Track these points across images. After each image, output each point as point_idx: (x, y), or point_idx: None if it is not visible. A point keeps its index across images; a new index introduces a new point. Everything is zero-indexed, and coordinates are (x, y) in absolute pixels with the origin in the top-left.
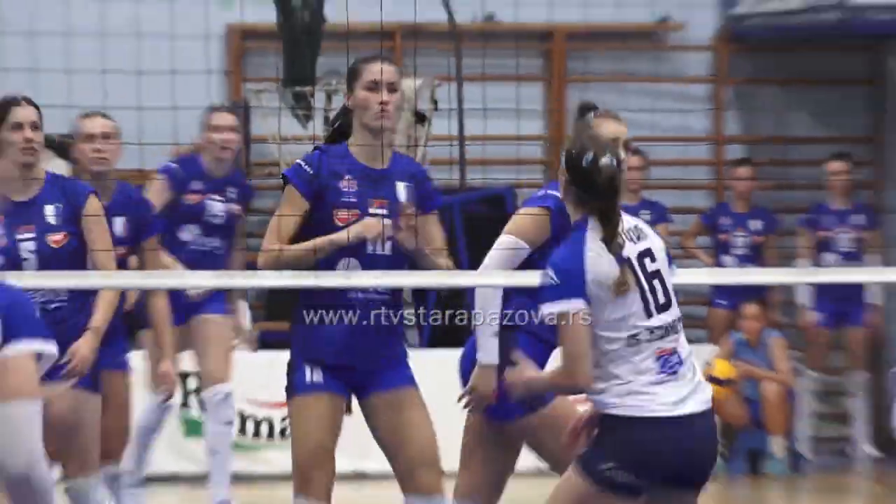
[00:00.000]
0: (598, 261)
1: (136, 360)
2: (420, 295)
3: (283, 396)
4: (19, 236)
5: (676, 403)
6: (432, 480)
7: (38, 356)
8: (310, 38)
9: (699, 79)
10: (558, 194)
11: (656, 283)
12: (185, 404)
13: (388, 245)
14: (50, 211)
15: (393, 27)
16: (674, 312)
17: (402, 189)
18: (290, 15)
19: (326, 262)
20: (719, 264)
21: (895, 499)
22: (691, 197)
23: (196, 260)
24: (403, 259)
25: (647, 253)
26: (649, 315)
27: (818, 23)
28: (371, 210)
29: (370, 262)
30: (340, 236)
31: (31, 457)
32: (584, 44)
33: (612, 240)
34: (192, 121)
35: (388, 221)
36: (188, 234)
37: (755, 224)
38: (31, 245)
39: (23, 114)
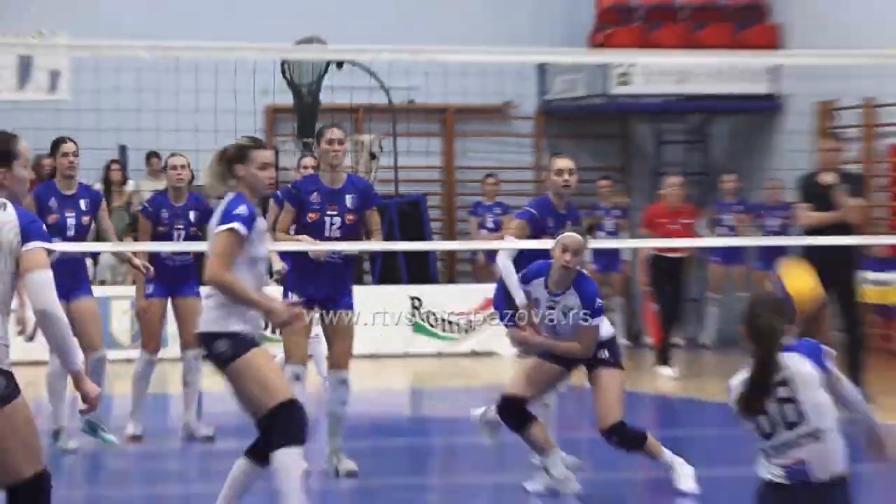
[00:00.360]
0: None
1: None
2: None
3: None
4: (67, 215)
5: None
6: (343, 362)
7: (48, 252)
8: (311, 112)
9: (526, 135)
10: (533, 210)
11: None
12: None
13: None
14: (83, 203)
15: (357, 106)
16: None
17: (349, 199)
18: (300, 99)
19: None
20: None
21: (637, 372)
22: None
23: None
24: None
25: None
26: None
27: (593, 104)
28: (328, 212)
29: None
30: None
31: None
32: (464, 115)
33: None
34: None
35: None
36: None
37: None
38: (72, 220)
39: (65, 147)
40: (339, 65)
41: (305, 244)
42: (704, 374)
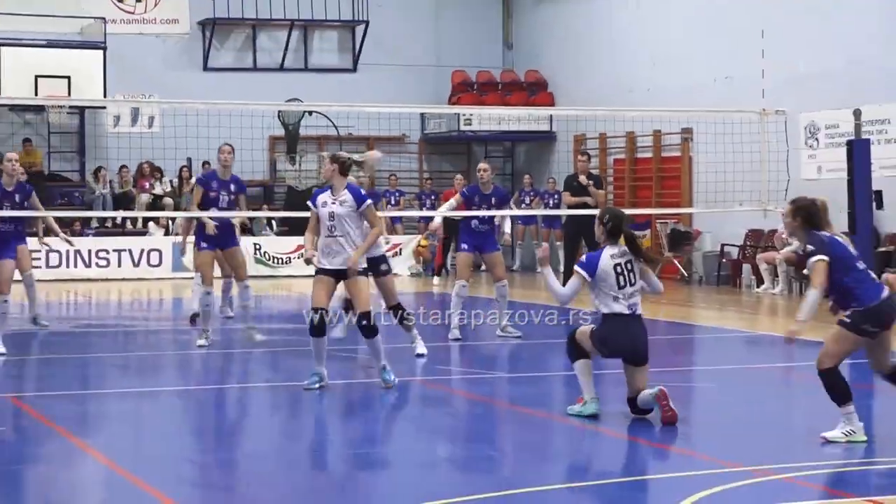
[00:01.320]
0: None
1: None
2: None
3: None
4: (222, 194)
5: None
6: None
7: None
8: (294, 139)
9: (414, 153)
10: (466, 191)
11: None
12: None
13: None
14: (233, 187)
15: (319, 136)
16: None
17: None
18: (288, 131)
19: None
20: None
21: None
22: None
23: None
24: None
25: None
26: None
27: (450, 136)
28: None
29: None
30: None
31: None
32: (379, 140)
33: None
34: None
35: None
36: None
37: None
38: (224, 197)
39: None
40: (310, 113)
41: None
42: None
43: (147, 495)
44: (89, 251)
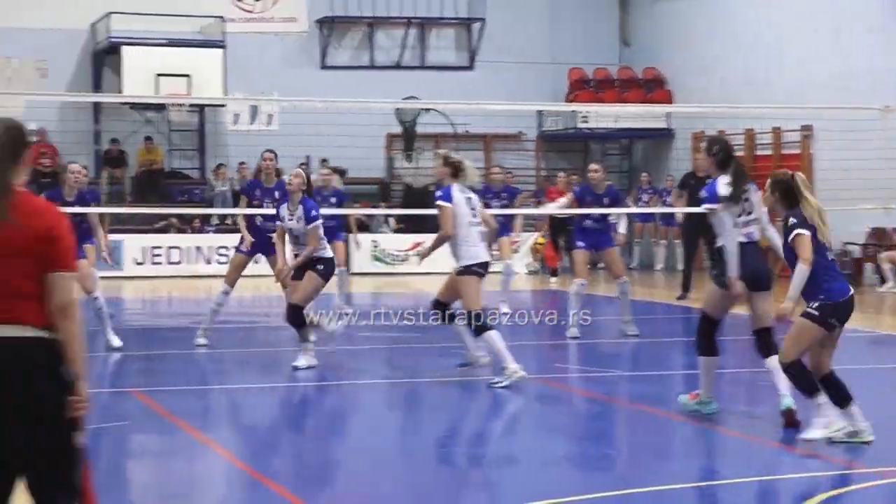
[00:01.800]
0: None
1: None
2: None
3: None
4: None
5: None
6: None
7: None
8: (410, 137)
9: (530, 150)
10: (577, 189)
11: None
12: None
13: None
14: (277, 194)
15: (436, 133)
16: None
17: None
18: (405, 129)
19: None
20: None
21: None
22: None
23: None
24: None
25: None
26: None
27: (567, 133)
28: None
29: None
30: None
31: None
32: (496, 139)
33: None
34: None
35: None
36: None
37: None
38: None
39: None
40: (427, 110)
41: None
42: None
43: (265, 488)
44: (209, 248)
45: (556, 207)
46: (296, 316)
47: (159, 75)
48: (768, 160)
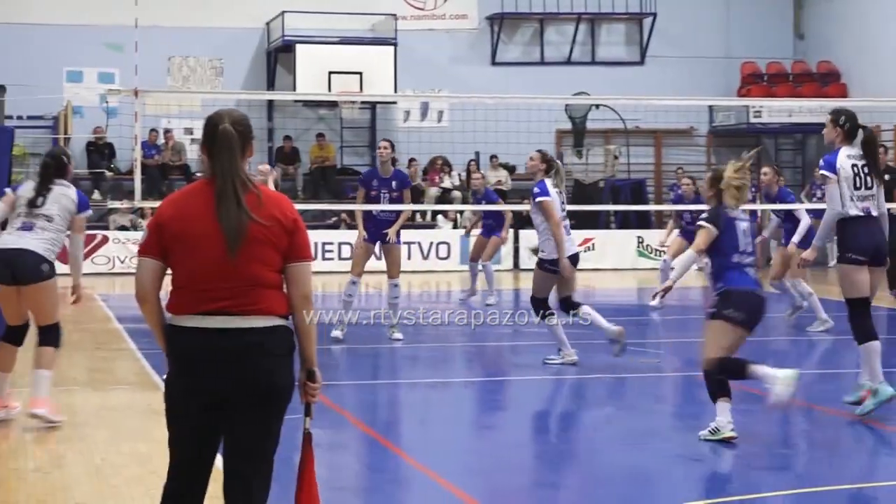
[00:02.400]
0: None
1: None
2: None
3: None
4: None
5: None
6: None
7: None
8: (580, 133)
9: (701, 146)
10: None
11: None
12: None
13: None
14: (394, 184)
15: (606, 129)
16: None
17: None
18: (574, 125)
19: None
20: None
21: None
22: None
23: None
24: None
25: None
26: None
27: (740, 128)
28: None
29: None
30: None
31: None
32: (666, 134)
33: None
34: None
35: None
36: None
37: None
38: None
39: None
40: (597, 106)
41: None
42: None
43: (437, 485)
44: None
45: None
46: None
47: (331, 73)
48: None
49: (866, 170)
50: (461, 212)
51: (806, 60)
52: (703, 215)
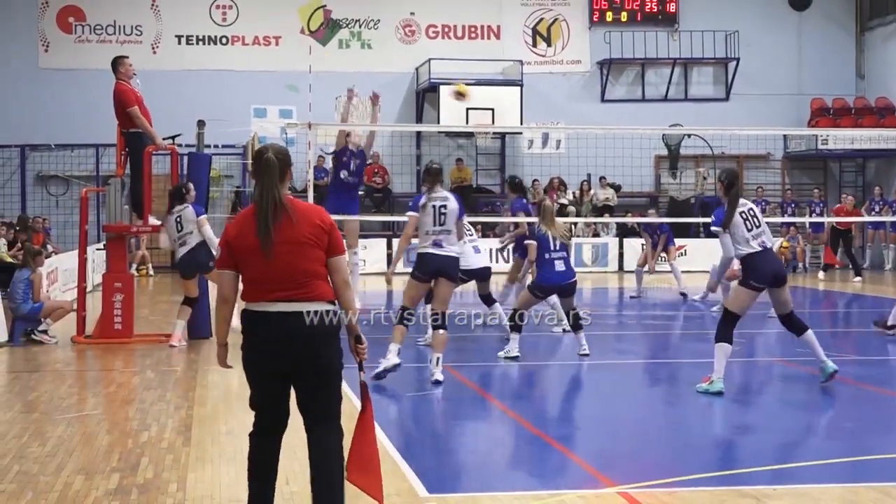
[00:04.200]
0: None
1: None
2: None
3: None
4: None
5: None
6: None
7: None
8: (675, 157)
9: (777, 169)
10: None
11: None
12: None
13: None
14: None
15: (695, 154)
16: None
17: None
18: (670, 151)
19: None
20: None
21: None
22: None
23: None
24: None
25: None
26: None
27: (810, 154)
28: None
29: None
30: None
31: None
32: (747, 158)
33: None
34: None
35: None
36: None
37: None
38: None
39: None
40: (689, 136)
41: None
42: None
43: (553, 448)
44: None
45: None
46: None
47: (469, 109)
48: None
49: (753, 213)
50: (575, 223)
51: (866, 97)
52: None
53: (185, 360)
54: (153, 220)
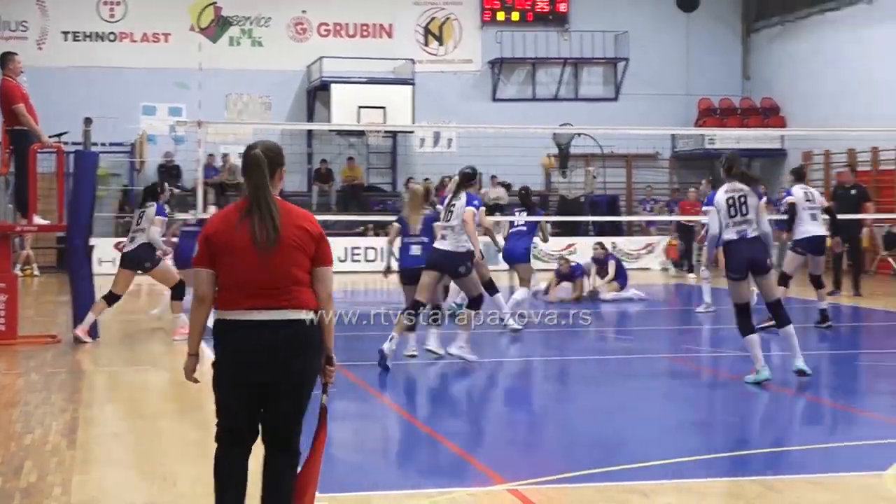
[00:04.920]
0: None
1: None
2: None
3: None
4: None
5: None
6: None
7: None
8: (566, 157)
9: (665, 168)
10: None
11: None
12: None
13: None
14: None
15: (586, 153)
16: None
17: None
18: (560, 150)
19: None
20: None
21: None
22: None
23: None
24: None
25: None
26: None
27: (697, 153)
28: None
29: None
30: None
31: None
32: (635, 157)
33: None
34: None
35: None
36: None
37: None
38: None
39: None
40: (579, 135)
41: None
42: None
43: (441, 445)
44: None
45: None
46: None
47: (360, 107)
48: (867, 175)
49: (742, 201)
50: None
51: (752, 97)
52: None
53: (70, 361)
54: (38, 220)
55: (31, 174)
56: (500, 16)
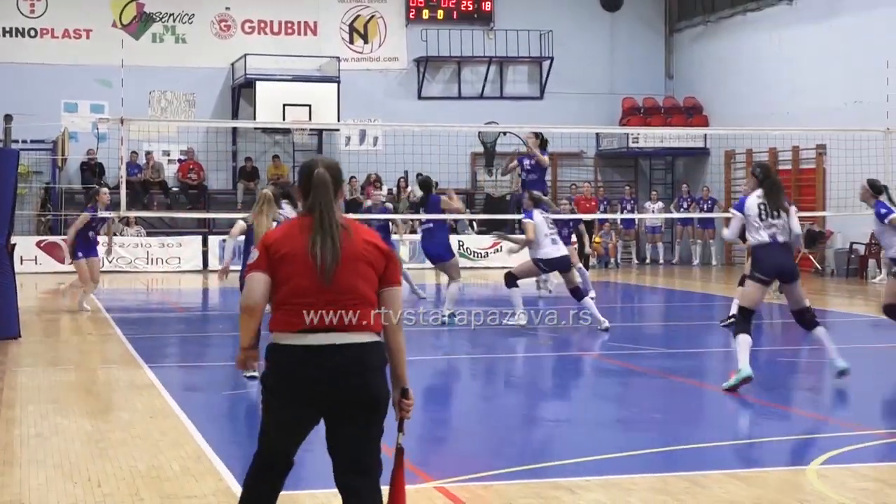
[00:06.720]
0: None
1: None
2: None
3: None
4: None
5: None
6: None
7: None
8: (491, 155)
9: (590, 166)
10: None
11: None
12: None
13: None
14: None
15: (513, 152)
16: None
17: None
18: (486, 149)
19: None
20: None
21: None
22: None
23: None
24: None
25: None
26: None
27: (621, 152)
28: None
29: None
30: None
31: None
32: (561, 156)
33: None
34: None
35: None
36: None
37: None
38: None
39: None
40: (504, 133)
41: None
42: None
43: None
44: None
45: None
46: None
47: (285, 105)
48: (788, 174)
49: (773, 204)
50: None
51: (675, 96)
52: None
53: None
54: None
55: None
56: (426, 14)
